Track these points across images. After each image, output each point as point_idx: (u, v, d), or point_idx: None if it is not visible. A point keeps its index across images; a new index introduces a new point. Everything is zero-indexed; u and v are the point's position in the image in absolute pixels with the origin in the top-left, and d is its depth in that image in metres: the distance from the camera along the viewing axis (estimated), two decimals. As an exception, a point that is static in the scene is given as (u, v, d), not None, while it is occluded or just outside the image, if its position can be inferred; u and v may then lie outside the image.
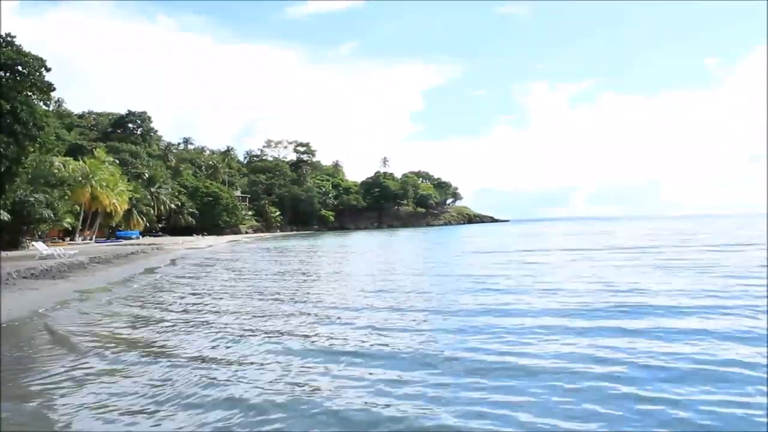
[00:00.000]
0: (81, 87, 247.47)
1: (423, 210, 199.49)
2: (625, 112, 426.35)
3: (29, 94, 33.15)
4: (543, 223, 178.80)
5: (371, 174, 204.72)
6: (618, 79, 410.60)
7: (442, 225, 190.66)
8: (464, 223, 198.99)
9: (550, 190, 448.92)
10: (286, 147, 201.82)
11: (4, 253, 43.34)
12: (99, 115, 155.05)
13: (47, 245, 43.78)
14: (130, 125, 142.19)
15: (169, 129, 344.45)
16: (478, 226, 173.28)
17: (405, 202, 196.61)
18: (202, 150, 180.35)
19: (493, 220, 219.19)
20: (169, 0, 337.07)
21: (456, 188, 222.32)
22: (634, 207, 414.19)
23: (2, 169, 31.51)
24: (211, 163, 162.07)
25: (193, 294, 23.17)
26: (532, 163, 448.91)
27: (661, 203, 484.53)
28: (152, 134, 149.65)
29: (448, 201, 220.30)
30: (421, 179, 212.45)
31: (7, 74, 31.80)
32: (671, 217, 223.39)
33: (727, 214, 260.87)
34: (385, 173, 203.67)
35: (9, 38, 32.45)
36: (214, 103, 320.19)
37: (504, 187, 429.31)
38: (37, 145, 34.88)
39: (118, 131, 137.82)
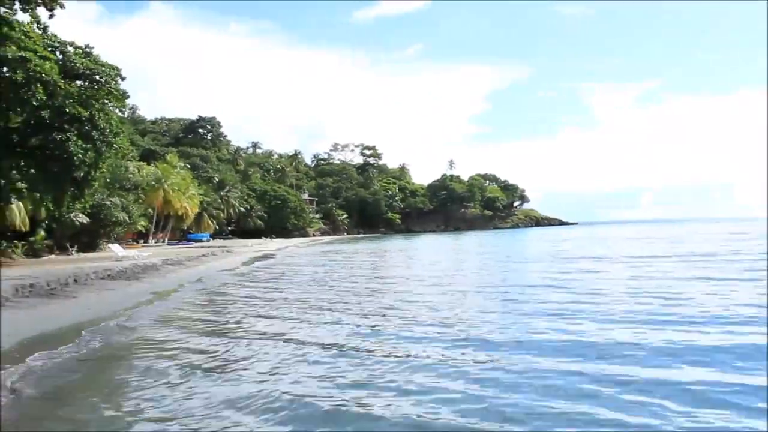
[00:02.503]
0: (154, 94, 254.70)
1: (490, 213, 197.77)
2: (695, 112, 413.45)
3: (106, 101, 34.25)
4: (612, 226, 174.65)
5: (438, 176, 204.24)
6: (686, 78, 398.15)
7: (509, 228, 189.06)
8: (532, 226, 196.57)
9: (617, 191, 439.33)
10: (352, 150, 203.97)
11: (82, 255, 45.00)
12: (171, 120, 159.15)
13: (123, 247, 45.25)
14: (200, 130, 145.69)
15: (238, 133, 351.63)
16: (546, 229, 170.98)
17: (472, 204, 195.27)
18: (270, 154, 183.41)
19: (561, 222, 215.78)
20: (240, 6, 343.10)
21: (523, 190, 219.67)
22: (705, 209, 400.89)
23: (82, 174, 32.64)
24: (279, 166, 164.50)
25: (263, 297, 23.63)
26: (599, 165, 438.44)
27: (734, 205, 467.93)
28: (222, 139, 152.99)
29: (516, 203, 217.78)
30: (487, 182, 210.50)
31: (86, 83, 33.00)
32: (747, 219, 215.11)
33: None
34: (451, 176, 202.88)
35: (87, 49, 33.72)
36: (282, 107, 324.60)
37: (571, 189, 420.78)
38: (113, 151, 35.96)
39: (189, 136, 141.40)
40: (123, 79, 34.63)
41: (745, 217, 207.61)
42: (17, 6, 30.75)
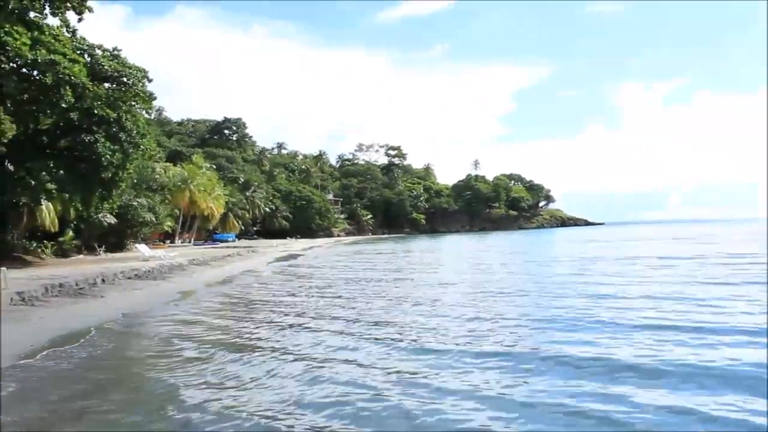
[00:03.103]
0: (180, 95, 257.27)
1: (515, 213, 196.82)
2: (723, 110, 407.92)
3: (133, 103, 34.73)
4: (639, 226, 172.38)
5: (462, 177, 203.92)
6: (714, 76, 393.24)
7: (534, 228, 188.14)
8: (557, 226, 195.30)
9: (644, 191, 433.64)
10: (377, 150, 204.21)
11: (110, 255, 45.57)
12: (196, 122, 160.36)
13: (150, 247, 45.72)
14: (225, 131, 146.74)
15: (263, 134, 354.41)
16: (572, 229, 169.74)
17: (497, 204, 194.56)
18: (295, 154, 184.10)
19: (587, 223, 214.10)
20: (263, 8, 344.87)
21: (548, 191, 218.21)
22: (734, 209, 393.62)
23: (109, 175, 33.14)
24: (303, 167, 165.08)
25: (289, 297, 23.77)
26: (625, 165, 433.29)
27: (761, 206, 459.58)
28: (247, 140, 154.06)
29: (541, 204, 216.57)
30: (513, 182, 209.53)
31: (113, 85, 33.48)
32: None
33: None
34: (476, 176, 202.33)
35: (115, 52, 34.25)
36: (306, 108, 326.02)
37: (597, 189, 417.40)
38: (140, 152, 36.47)
39: (215, 137, 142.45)
40: (150, 81, 35.09)
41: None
42: (47, 10, 31.24)
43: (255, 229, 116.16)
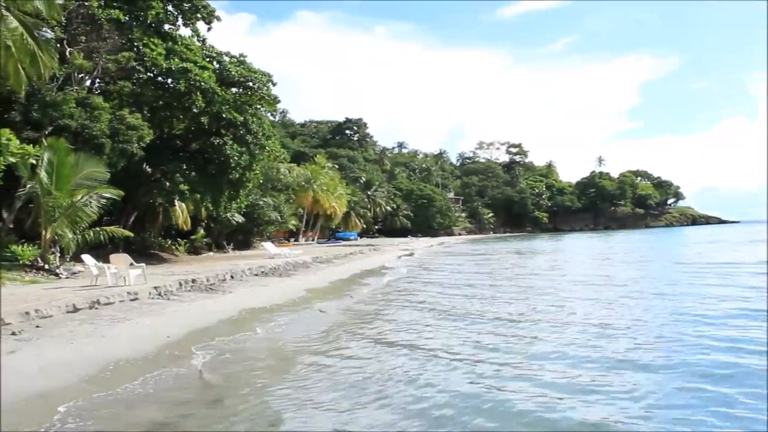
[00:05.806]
0: (303, 98, 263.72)
1: (642, 211, 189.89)
2: None
3: (258, 107, 36.21)
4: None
5: (586, 174, 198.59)
6: None
7: (662, 226, 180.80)
8: (687, 225, 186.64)
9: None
10: (498, 148, 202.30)
11: (238, 252, 47.52)
12: (319, 123, 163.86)
13: (275, 245, 47.28)
14: (347, 132, 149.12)
15: (383, 134, 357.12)
16: (703, 228, 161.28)
17: (622, 202, 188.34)
18: (415, 153, 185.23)
19: (720, 221, 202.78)
20: (385, 10, 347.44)
21: (678, 187, 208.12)
22: None
23: (237, 176, 34.60)
24: (424, 166, 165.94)
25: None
26: (764, 159, 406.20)
27: None
28: (368, 139, 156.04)
29: (670, 201, 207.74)
30: (639, 178, 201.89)
31: (240, 90, 35.05)
32: None
33: None
34: (600, 173, 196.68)
35: (241, 58, 35.83)
36: (427, 107, 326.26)
37: (732, 185, 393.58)
38: (266, 153, 37.90)
39: (337, 138, 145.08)
40: (274, 84, 36.42)
41: None
42: (180, 22, 33.26)
43: (376, 227, 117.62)
